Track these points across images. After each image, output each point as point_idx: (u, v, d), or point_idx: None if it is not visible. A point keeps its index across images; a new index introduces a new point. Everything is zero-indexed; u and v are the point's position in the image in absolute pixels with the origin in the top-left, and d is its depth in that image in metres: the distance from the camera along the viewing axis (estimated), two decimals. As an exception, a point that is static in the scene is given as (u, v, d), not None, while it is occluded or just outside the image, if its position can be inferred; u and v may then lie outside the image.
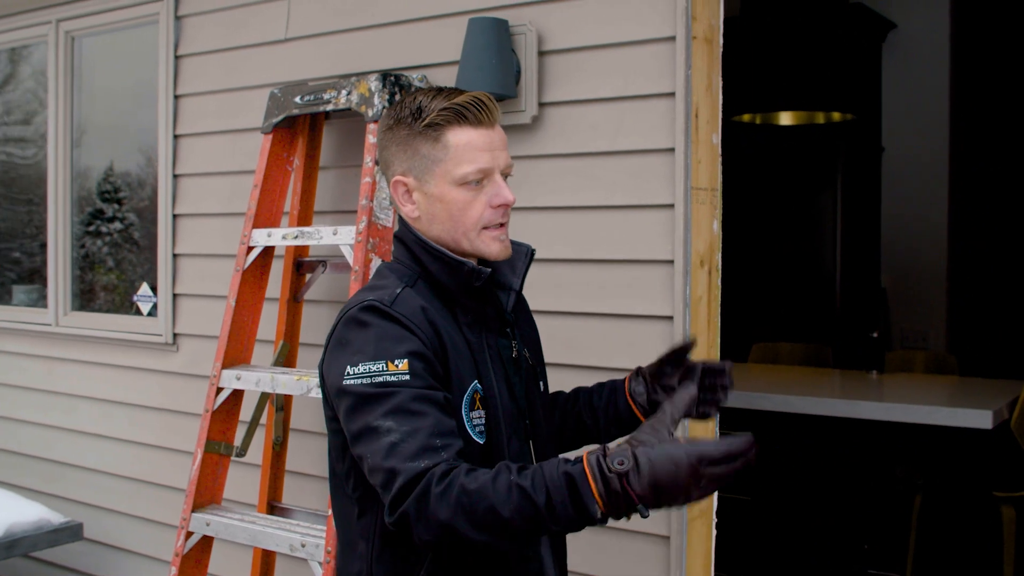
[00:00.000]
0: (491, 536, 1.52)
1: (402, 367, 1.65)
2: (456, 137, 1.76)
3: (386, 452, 1.59)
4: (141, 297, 4.13)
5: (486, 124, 1.78)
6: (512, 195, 1.80)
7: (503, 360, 1.86)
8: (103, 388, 4.22)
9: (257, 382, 3.06)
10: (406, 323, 1.70)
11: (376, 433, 1.62)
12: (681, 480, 1.45)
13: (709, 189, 2.79)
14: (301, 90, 3.17)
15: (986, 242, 6.64)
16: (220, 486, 3.18)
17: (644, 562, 2.77)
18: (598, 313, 2.83)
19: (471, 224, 1.79)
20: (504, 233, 1.82)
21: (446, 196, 1.78)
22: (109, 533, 4.20)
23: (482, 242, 1.80)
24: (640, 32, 2.75)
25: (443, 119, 1.76)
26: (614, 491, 1.46)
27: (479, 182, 1.77)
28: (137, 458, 4.08)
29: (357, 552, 1.80)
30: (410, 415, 1.62)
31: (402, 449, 1.58)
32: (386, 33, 3.26)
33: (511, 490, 1.50)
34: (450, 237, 1.80)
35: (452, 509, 1.51)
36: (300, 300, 3.38)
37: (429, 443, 1.59)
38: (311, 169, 3.36)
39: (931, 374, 5.48)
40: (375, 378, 1.64)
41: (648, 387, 2.04)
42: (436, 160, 1.77)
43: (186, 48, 3.85)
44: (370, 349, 1.67)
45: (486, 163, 1.77)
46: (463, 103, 1.75)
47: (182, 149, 3.88)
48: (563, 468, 1.50)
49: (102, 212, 4.48)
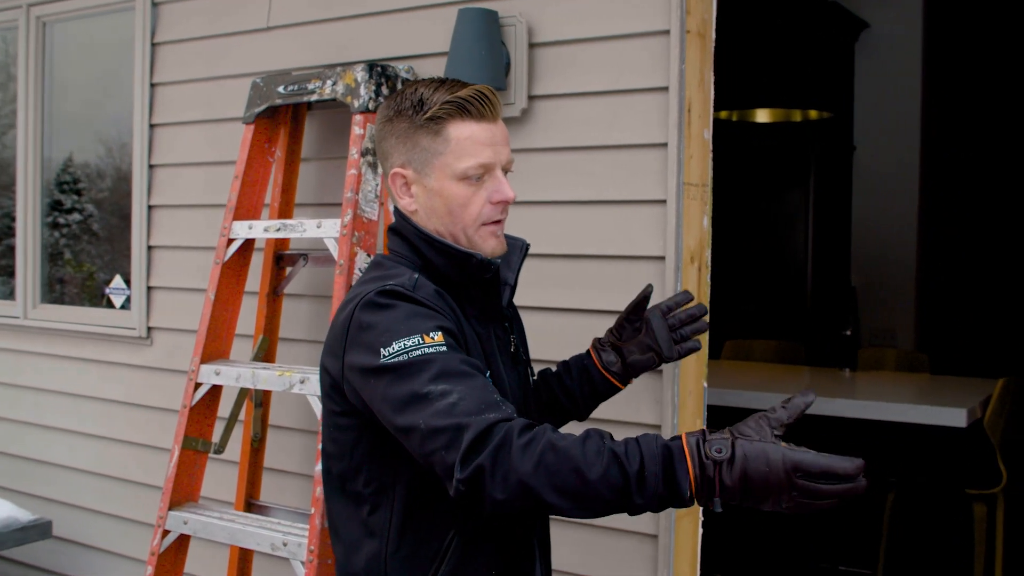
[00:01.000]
0: (569, 501, 1.46)
1: (438, 339, 1.60)
2: (458, 131, 1.73)
3: (446, 411, 1.52)
4: (114, 290, 4.05)
5: (488, 118, 1.74)
6: (513, 192, 1.77)
7: (506, 353, 1.85)
8: (73, 382, 4.13)
9: (237, 378, 3.00)
10: (430, 305, 1.67)
11: (427, 399, 1.54)
12: (772, 483, 1.39)
13: (700, 185, 2.76)
14: (284, 80, 3.11)
15: (955, 241, 6.70)
16: (198, 483, 3.12)
17: (632, 560, 2.74)
18: (588, 309, 2.80)
19: (470, 220, 1.76)
20: (501, 229, 1.80)
21: (446, 190, 1.75)
22: (80, 531, 4.11)
23: (479, 237, 1.77)
24: (633, 25, 2.72)
25: (445, 112, 1.72)
26: (707, 477, 1.41)
27: (480, 177, 1.74)
28: (108, 454, 4.00)
29: (365, 551, 1.75)
30: (461, 376, 1.57)
31: (464, 406, 1.52)
32: (372, 23, 3.21)
33: (602, 453, 1.45)
34: (448, 232, 1.77)
35: (535, 465, 1.44)
36: (280, 294, 3.32)
37: (489, 399, 1.54)
38: (293, 161, 3.30)
39: (903, 372, 5.52)
40: (412, 352, 1.58)
41: (618, 353, 2.08)
42: (436, 153, 1.74)
43: (163, 36, 3.77)
44: (401, 327, 1.62)
45: (487, 158, 1.74)
46: (466, 96, 1.72)
47: (158, 139, 3.80)
48: (661, 441, 1.46)
49: (60, 203, 4.40)
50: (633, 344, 2.09)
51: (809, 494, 1.39)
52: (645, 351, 2.10)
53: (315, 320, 3.35)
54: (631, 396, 2.73)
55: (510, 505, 1.47)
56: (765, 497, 1.41)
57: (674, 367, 2.66)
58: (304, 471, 3.35)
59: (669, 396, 2.67)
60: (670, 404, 2.67)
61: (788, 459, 1.39)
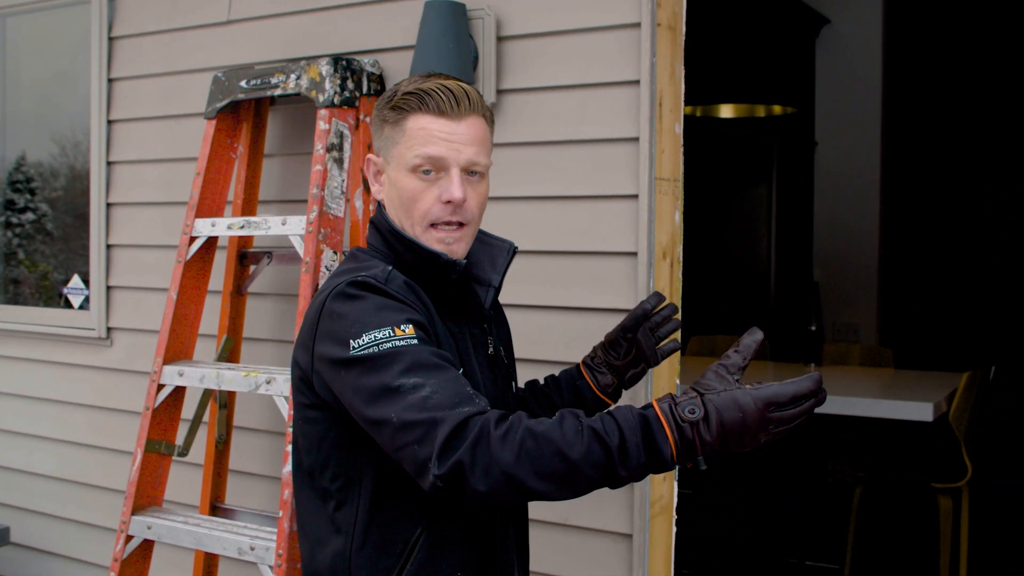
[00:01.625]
0: (553, 485, 1.44)
1: (408, 331, 1.57)
2: (415, 122, 1.71)
3: (419, 405, 1.48)
4: (72, 290, 3.96)
5: (450, 115, 1.70)
6: (460, 193, 1.69)
7: (483, 354, 1.81)
8: (30, 385, 4.03)
9: (201, 378, 2.94)
10: (401, 298, 1.63)
11: (399, 392, 1.51)
12: (749, 425, 1.42)
13: (672, 180, 2.74)
14: (247, 74, 3.05)
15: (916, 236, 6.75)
16: (161, 487, 3.05)
17: (606, 561, 2.71)
18: (558, 306, 2.77)
19: (418, 216, 1.72)
20: (453, 236, 1.73)
21: (399, 181, 1.73)
22: (39, 537, 4.01)
23: (426, 239, 1.73)
24: (603, 18, 2.69)
25: (405, 103, 1.71)
26: (686, 439, 1.43)
27: (429, 172, 1.70)
28: (68, 458, 3.91)
29: (330, 548, 1.71)
30: (433, 368, 1.53)
31: (437, 400, 1.48)
32: (336, 16, 3.15)
33: (581, 432, 1.44)
34: (407, 225, 1.74)
35: (516, 454, 1.42)
36: (244, 293, 3.26)
37: (463, 392, 1.51)
38: (256, 157, 3.24)
39: (867, 367, 5.54)
40: (382, 344, 1.55)
41: (614, 372, 2.08)
42: (394, 142, 1.73)
43: (121, 29, 3.68)
44: (371, 319, 1.58)
45: (438, 152, 1.69)
46: (428, 89, 1.70)
47: (116, 135, 3.71)
48: (636, 411, 1.46)
49: (13, 203, 4.30)
50: (628, 361, 2.08)
51: (784, 422, 1.43)
52: (637, 363, 2.09)
53: (280, 319, 3.29)
54: (604, 393, 2.70)
55: (492, 497, 1.45)
56: (744, 440, 1.44)
57: (647, 364, 2.63)
58: (271, 473, 3.29)
59: (643, 394, 2.64)
60: (644, 402, 2.64)
61: (759, 398, 1.42)
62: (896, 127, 6.71)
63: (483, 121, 1.75)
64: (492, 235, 1.90)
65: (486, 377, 1.79)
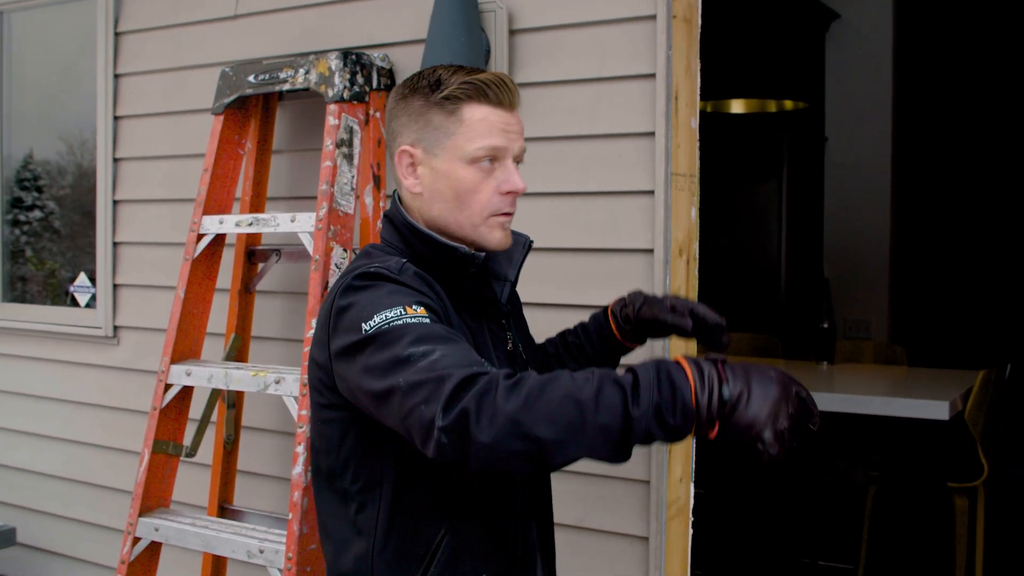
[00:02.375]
0: (563, 432, 1.34)
1: (420, 311, 1.53)
2: (472, 112, 1.67)
3: (428, 367, 1.43)
4: (78, 288, 3.92)
5: (505, 106, 1.69)
6: (523, 183, 1.70)
7: (502, 350, 1.77)
8: (36, 384, 3.99)
9: (209, 378, 2.89)
10: (414, 286, 1.59)
11: (409, 361, 1.45)
12: (772, 392, 1.34)
13: (688, 175, 2.69)
14: (255, 69, 3.00)
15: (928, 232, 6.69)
16: (169, 488, 3.01)
17: (622, 563, 2.67)
18: (574, 304, 2.71)
19: (478, 208, 1.69)
20: (509, 222, 1.73)
21: (454, 173, 1.68)
22: (45, 538, 3.98)
23: (486, 228, 1.70)
24: (618, 11, 2.64)
25: (463, 92, 1.67)
26: (707, 376, 1.35)
27: (490, 162, 1.68)
28: (75, 458, 3.87)
29: (353, 550, 1.68)
30: (443, 339, 1.48)
31: (446, 362, 1.43)
32: (345, 10, 3.10)
33: (591, 377, 1.37)
34: (453, 219, 1.70)
35: (523, 400, 1.35)
36: (252, 291, 3.21)
37: (473, 358, 1.46)
38: (264, 153, 3.19)
39: (880, 364, 5.48)
40: (394, 322, 1.51)
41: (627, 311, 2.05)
42: (448, 133, 1.68)
43: (127, 24, 3.64)
44: (382, 301, 1.54)
45: (500, 142, 1.68)
46: (485, 80, 1.68)
47: (123, 131, 3.67)
48: (652, 358, 1.40)
49: (21, 200, 4.26)
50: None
51: (803, 411, 1.36)
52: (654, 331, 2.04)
53: (289, 318, 3.25)
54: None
55: (498, 448, 1.36)
56: (767, 400, 1.34)
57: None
58: (280, 474, 3.24)
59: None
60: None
61: (782, 372, 1.38)
62: (907, 122, 6.64)
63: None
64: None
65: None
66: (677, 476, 2.66)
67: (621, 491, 2.65)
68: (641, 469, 2.62)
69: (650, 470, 2.60)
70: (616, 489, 2.66)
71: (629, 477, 2.64)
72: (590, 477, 2.70)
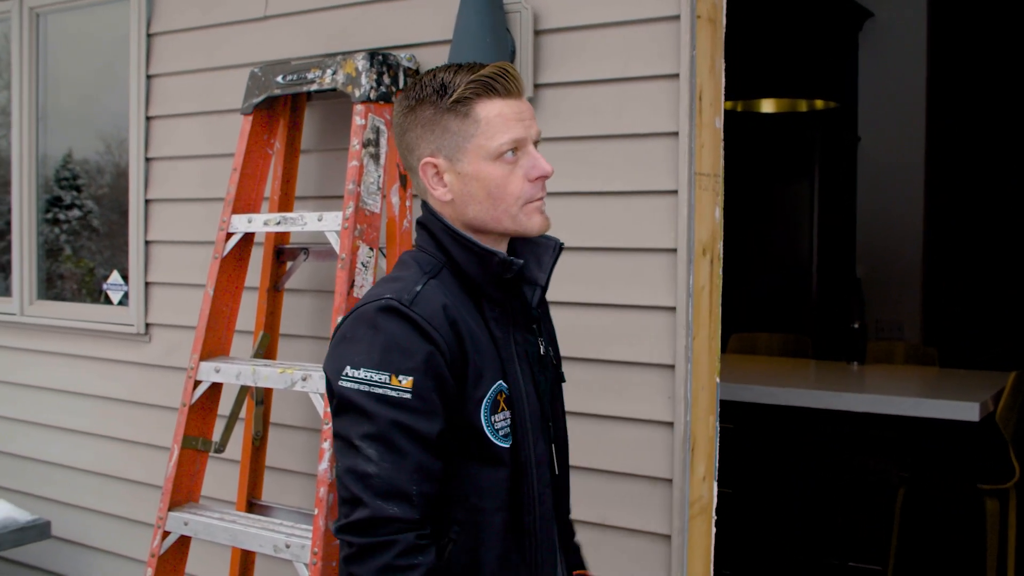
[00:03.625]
0: None
1: (406, 384, 1.57)
2: (486, 110, 1.67)
3: (359, 477, 1.55)
4: (111, 285, 3.97)
5: (514, 94, 1.69)
6: (550, 166, 1.70)
7: (530, 358, 1.77)
8: (71, 380, 4.06)
9: (238, 375, 2.93)
10: (423, 325, 1.60)
11: (356, 452, 1.57)
12: None
13: (712, 175, 2.69)
14: (283, 69, 3.04)
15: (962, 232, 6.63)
16: (198, 483, 3.05)
17: (644, 561, 2.68)
18: (598, 303, 2.73)
19: (512, 200, 1.69)
20: (543, 205, 1.73)
21: (482, 173, 1.68)
22: (79, 531, 4.04)
23: (525, 216, 1.70)
24: (642, 11, 2.65)
25: (472, 92, 1.67)
26: None
27: (514, 152, 1.68)
28: (107, 453, 3.93)
29: None
30: (392, 450, 1.55)
31: (375, 483, 1.54)
32: (372, 10, 3.13)
33: None
34: (490, 216, 1.70)
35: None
36: (281, 289, 3.25)
37: (404, 488, 1.55)
38: (292, 152, 3.23)
39: (912, 365, 5.44)
40: (374, 388, 1.57)
41: None
42: (468, 136, 1.67)
43: (159, 26, 3.69)
44: (376, 355, 1.58)
45: (519, 132, 1.68)
46: (490, 74, 1.67)
47: (155, 131, 3.72)
48: None
49: (60, 199, 4.33)
50: None
51: None
52: None
53: (317, 316, 3.28)
54: (643, 392, 2.67)
55: None
56: None
57: (686, 362, 2.59)
58: (307, 470, 3.28)
59: (682, 392, 2.60)
60: (683, 400, 2.60)
61: None
62: (941, 121, 6.59)
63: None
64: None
65: (528, 384, 1.74)
66: (700, 475, 2.67)
67: (644, 489, 2.66)
68: (664, 467, 2.63)
69: (673, 468, 2.61)
70: (639, 487, 2.67)
71: (652, 475, 2.65)
72: (612, 475, 2.71)
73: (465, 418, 1.63)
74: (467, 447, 1.64)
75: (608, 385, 2.71)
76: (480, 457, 1.64)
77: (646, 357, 2.67)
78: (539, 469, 1.71)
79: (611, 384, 2.71)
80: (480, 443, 1.64)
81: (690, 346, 2.61)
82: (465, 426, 1.63)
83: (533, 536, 1.72)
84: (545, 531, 1.76)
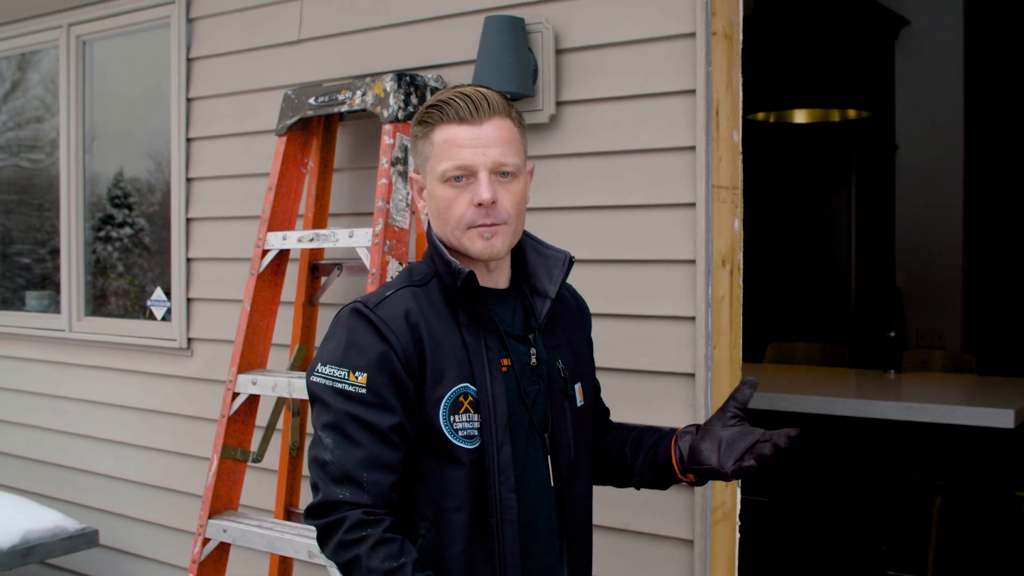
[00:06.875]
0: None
1: (361, 380, 1.71)
2: (440, 134, 1.78)
3: (319, 465, 1.71)
4: (155, 302, 4.10)
5: (471, 120, 1.76)
6: (488, 194, 1.74)
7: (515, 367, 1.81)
8: (117, 393, 4.19)
9: (273, 387, 3.03)
10: (379, 326, 1.74)
11: (318, 441, 1.73)
12: None
13: (730, 187, 2.75)
14: (315, 91, 3.14)
15: (1001, 240, 6.58)
16: (237, 492, 3.15)
17: (667, 566, 2.73)
18: (618, 314, 2.79)
19: (455, 222, 1.79)
20: (491, 231, 1.77)
21: (435, 193, 1.81)
22: (124, 539, 4.17)
23: (467, 240, 1.79)
24: (659, 29, 2.72)
25: (429, 116, 1.80)
26: None
27: (460, 179, 1.76)
28: (151, 464, 4.05)
29: None
30: (347, 440, 1.70)
31: (330, 470, 1.70)
32: (400, 33, 3.23)
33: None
34: (443, 233, 1.82)
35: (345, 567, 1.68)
36: (315, 304, 3.35)
37: (355, 475, 1.68)
38: (325, 171, 3.33)
39: (949, 373, 5.43)
40: (335, 383, 1.73)
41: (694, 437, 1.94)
42: (426, 157, 1.81)
43: (198, 51, 3.82)
44: (339, 353, 1.75)
45: (464, 160, 1.75)
46: (447, 99, 1.77)
47: (195, 152, 3.85)
48: None
49: (112, 217, 4.47)
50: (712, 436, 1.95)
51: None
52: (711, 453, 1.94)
53: (350, 329, 3.37)
54: (664, 400, 2.72)
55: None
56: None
57: (706, 371, 2.65)
58: (341, 479, 3.36)
59: (702, 400, 2.65)
60: (703, 408, 2.65)
61: None
62: (979, 129, 6.55)
63: (509, 122, 1.80)
64: (549, 245, 1.93)
65: (498, 389, 1.77)
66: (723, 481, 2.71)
67: (666, 494, 2.71)
68: (685, 474, 2.68)
69: (694, 475, 2.66)
70: (661, 493, 2.72)
71: (674, 482, 2.70)
72: (636, 482, 2.76)
73: (425, 416, 1.73)
74: (430, 445, 1.74)
75: (631, 394, 2.76)
76: (441, 456, 1.74)
77: (667, 366, 2.73)
78: (502, 474, 1.75)
79: (633, 393, 2.76)
80: (439, 442, 1.74)
81: (710, 355, 2.66)
82: (426, 424, 1.74)
83: (499, 539, 1.75)
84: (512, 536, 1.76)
